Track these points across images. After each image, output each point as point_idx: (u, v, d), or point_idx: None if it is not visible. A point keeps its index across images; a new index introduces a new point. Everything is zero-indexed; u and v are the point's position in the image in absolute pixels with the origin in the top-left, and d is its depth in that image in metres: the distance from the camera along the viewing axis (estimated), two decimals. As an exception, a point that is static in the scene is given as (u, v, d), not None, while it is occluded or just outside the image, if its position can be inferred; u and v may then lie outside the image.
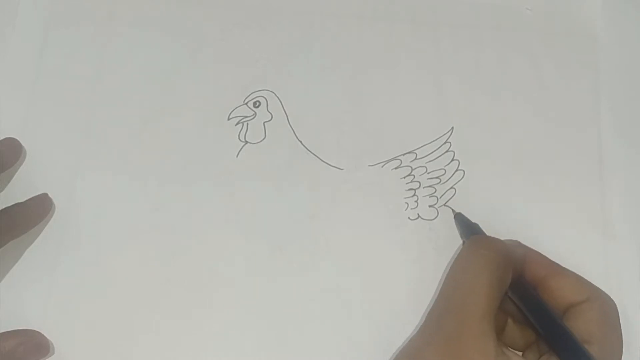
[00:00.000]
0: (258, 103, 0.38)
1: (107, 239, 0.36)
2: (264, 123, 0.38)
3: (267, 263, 0.35)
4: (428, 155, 0.38)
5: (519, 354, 0.30)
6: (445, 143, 0.38)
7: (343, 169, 0.37)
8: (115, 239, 0.36)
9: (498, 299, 0.29)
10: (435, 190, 0.37)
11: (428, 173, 0.37)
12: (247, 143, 0.38)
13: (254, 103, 0.38)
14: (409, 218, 0.37)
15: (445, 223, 0.36)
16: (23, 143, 0.37)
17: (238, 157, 0.37)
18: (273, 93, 0.39)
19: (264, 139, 0.38)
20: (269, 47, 0.39)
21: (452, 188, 0.37)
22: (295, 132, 0.38)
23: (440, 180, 0.37)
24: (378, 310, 0.35)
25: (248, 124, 0.38)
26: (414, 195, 0.37)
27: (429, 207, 0.37)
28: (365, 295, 0.35)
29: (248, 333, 0.34)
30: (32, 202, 0.35)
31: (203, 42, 0.39)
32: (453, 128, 0.38)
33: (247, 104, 0.38)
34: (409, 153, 0.38)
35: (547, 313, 0.30)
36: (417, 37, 0.40)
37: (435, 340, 0.29)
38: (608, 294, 0.31)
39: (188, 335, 0.34)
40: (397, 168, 0.37)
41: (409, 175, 0.37)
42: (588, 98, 0.39)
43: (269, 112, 0.38)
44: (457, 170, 0.37)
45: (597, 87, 0.39)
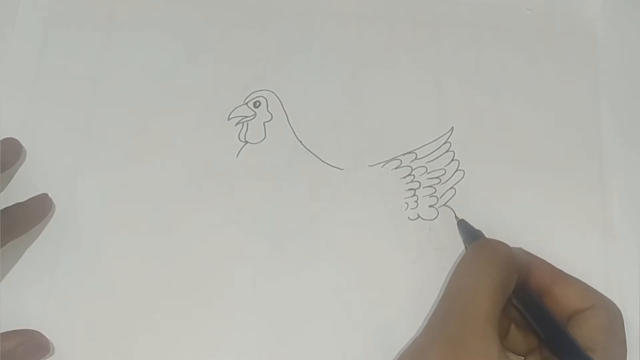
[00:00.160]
0: (258, 103, 0.38)
1: (107, 239, 0.36)
2: (264, 123, 0.38)
3: (267, 263, 0.35)
4: (428, 155, 0.38)
5: (522, 359, 0.30)
6: (445, 143, 0.38)
7: (343, 169, 0.37)
8: (115, 239, 0.36)
9: (502, 303, 0.29)
10: (435, 190, 0.37)
11: (428, 173, 0.37)
12: (247, 143, 0.38)
13: (254, 103, 0.38)
14: (409, 218, 0.37)
15: (445, 223, 0.36)
16: (23, 143, 0.37)
17: (238, 157, 0.37)
18: (273, 93, 0.39)
19: (264, 139, 0.38)
20: (269, 47, 0.39)
21: (452, 188, 0.37)
22: (295, 132, 0.38)
23: (440, 180, 0.37)
24: (378, 310, 0.35)
25: (248, 124, 0.38)
26: (414, 195, 0.37)
27: (429, 207, 0.37)
28: (365, 295, 0.35)
29: (248, 333, 0.34)
30: (32, 202, 0.35)
31: (203, 42, 0.39)
32: (453, 128, 0.38)
33: (247, 104, 0.38)
34: (409, 153, 0.38)
35: (550, 320, 0.30)
36: (417, 37, 0.40)
37: (439, 342, 0.29)
38: (613, 301, 0.31)
39: (188, 336, 0.34)
40: (397, 168, 0.37)
41: (409, 175, 0.37)
42: (588, 98, 0.39)
43: (269, 112, 0.38)
44: (457, 170, 0.37)
45: (597, 87, 0.39)
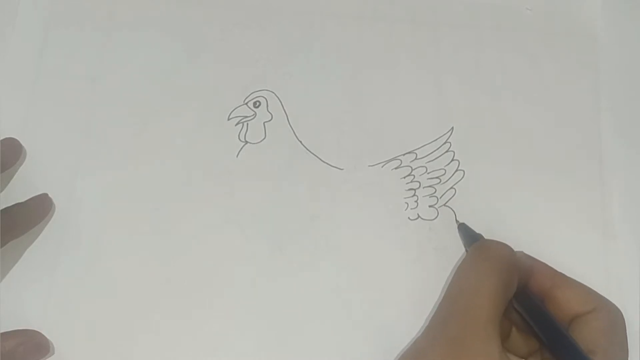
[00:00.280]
0: (258, 103, 0.38)
1: (107, 239, 0.36)
2: (264, 123, 0.38)
3: (267, 263, 0.35)
4: (428, 155, 0.38)
5: None
6: (445, 143, 0.38)
7: (343, 169, 0.37)
8: (115, 239, 0.36)
9: (503, 304, 0.29)
10: (435, 190, 0.37)
11: (428, 173, 0.37)
12: (247, 143, 0.38)
13: (254, 103, 0.38)
14: (409, 218, 0.37)
15: (445, 223, 0.36)
16: (23, 143, 0.37)
17: (238, 157, 0.37)
18: (273, 93, 0.39)
19: (264, 139, 0.38)
20: (269, 47, 0.39)
21: (452, 188, 0.37)
22: (295, 132, 0.38)
23: (440, 180, 0.37)
24: (378, 311, 0.35)
25: (248, 124, 0.38)
26: (414, 195, 0.37)
27: (429, 207, 0.37)
28: (365, 295, 0.35)
29: (248, 333, 0.34)
30: (32, 202, 0.35)
31: (203, 42, 0.39)
32: (453, 128, 0.38)
33: (247, 104, 0.38)
34: (409, 153, 0.38)
35: (551, 324, 0.30)
36: (417, 37, 0.40)
37: (440, 343, 0.29)
38: (614, 304, 0.31)
39: (188, 336, 0.34)
40: (397, 168, 0.37)
41: (409, 175, 0.37)
42: (588, 98, 0.39)
43: (269, 112, 0.38)
44: (457, 170, 0.37)
45: (597, 87, 0.39)
